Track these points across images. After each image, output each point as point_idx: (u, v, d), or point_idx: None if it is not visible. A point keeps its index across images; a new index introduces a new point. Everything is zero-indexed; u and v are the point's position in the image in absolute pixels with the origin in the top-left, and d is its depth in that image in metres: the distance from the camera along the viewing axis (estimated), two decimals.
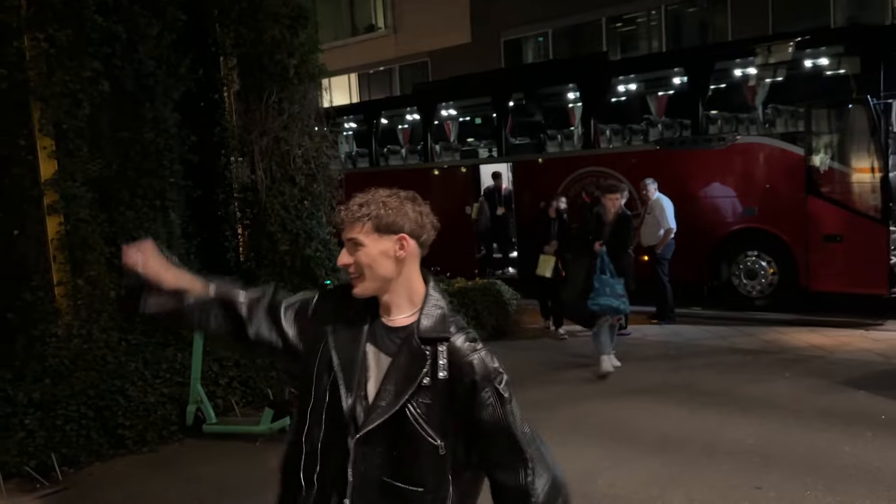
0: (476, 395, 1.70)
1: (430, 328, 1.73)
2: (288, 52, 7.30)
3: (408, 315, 1.78)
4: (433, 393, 1.69)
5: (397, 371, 1.71)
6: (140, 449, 5.27)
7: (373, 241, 1.73)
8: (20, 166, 5.56)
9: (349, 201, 1.78)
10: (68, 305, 5.68)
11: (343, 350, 1.75)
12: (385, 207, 1.73)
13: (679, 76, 9.93)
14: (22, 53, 5.49)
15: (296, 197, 7.55)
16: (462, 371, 1.70)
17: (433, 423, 1.69)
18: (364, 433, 1.68)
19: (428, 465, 1.70)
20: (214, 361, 5.84)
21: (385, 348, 1.75)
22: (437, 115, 12.23)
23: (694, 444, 4.91)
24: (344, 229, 1.77)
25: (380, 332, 1.77)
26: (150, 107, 6.09)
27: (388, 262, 1.74)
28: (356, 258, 1.74)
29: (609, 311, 6.59)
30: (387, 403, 1.69)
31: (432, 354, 1.71)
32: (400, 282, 1.77)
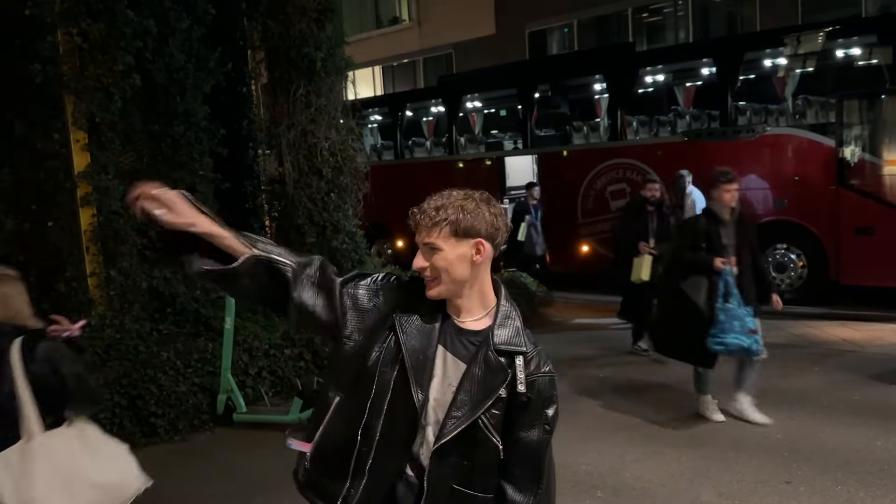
0: (527, 414, 1.73)
1: (507, 340, 1.73)
2: (315, 45, 7.32)
3: (479, 318, 1.77)
4: (505, 403, 1.71)
5: (473, 382, 1.70)
6: (172, 438, 5.36)
7: (450, 246, 1.70)
8: (54, 159, 5.66)
9: (424, 204, 1.74)
10: (101, 296, 5.78)
11: (414, 345, 1.72)
12: (463, 211, 1.70)
13: (707, 67, 9.83)
14: (56, 48, 5.57)
15: (322, 189, 7.59)
16: (527, 385, 1.72)
17: (499, 429, 1.72)
18: (439, 445, 1.68)
19: (494, 470, 1.74)
20: (244, 352, 5.92)
21: (455, 351, 1.74)
22: (462, 108, 12.22)
23: (722, 438, 4.88)
24: (419, 233, 1.73)
25: (451, 332, 1.75)
26: (180, 100, 6.15)
27: (465, 266, 1.71)
28: (432, 262, 1.71)
29: (739, 352, 4.99)
30: (462, 414, 1.68)
31: (510, 367, 1.71)
32: (474, 285, 1.75)
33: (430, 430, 1.71)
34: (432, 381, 1.71)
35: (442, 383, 1.71)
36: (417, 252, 1.74)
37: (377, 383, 1.72)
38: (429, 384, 1.71)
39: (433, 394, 1.71)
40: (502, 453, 1.72)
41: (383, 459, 1.71)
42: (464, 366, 1.72)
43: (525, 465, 1.74)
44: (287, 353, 6.16)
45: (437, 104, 12.80)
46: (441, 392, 1.71)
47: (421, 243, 1.73)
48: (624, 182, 9.77)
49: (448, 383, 1.71)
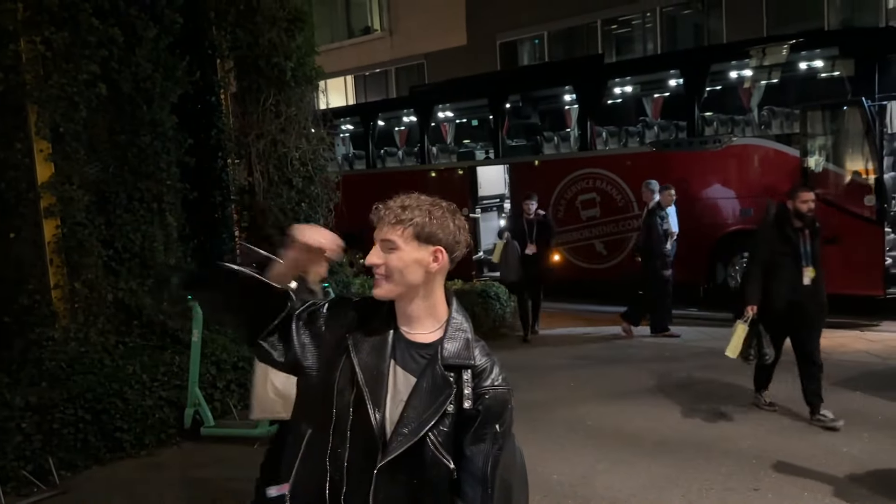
0: (475, 430, 1.69)
1: (455, 354, 1.70)
2: (285, 54, 7.28)
3: (430, 331, 1.74)
4: (453, 419, 1.68)
5: (420, 398, 1.67)
6: (138, 452, 5.26)
7: (410, 248, 1.67)
8: (16, 169, 5.53)
9: (390, 201, 1.71)
10: (65, 309, 5.66)
11: (367, 364, 1.69)
12: (430, 216, 1.68)
13: (675, 78, 9.97)
14: (18, 56, 5.46)
15: (293, 199, 7.53)
16: (474, 399, 1.69)
17: (449, 449, 1.68)
18: (384, 463, 1.64)
19: (444, 489, 1.69)
20: (212, 364, 5.84)
21: (407, 366, 1.70)
22: (434, 117, 12.25)
23: (691, 446, 4.92)
24: (380, 229, 1.70)
25: (402, 346, 1.72)
26: (147, 110, 6.06)
27: (419, 271, 1.69)
28: (387, 260, 1.68)
29: None
30: (409, 431, 1.64)
31: (457, 382, 1.68)
32: (424, 294, 1.72)
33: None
34: (388, 400, 1.68)
35: (394, 399, 1.68)
36: (373, 248, 1.71)
37: (337, 407, 1.68)
38: (385, 402, 1.67)
39: (388, 412, 1.67)
40: (454, 472, 1.68)
41: (356, 487, 1.67)
42: (414, 380, 1.69)
43: (474, 482, 1.69)
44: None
45: (409, 114, 12.82)
46: (393, 408, 1.68)
47: (379, 239, 1.69)
48: (594, 192, 9.86)
49: (399, 399, 1.68)
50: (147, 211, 6.11)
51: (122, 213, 5.99)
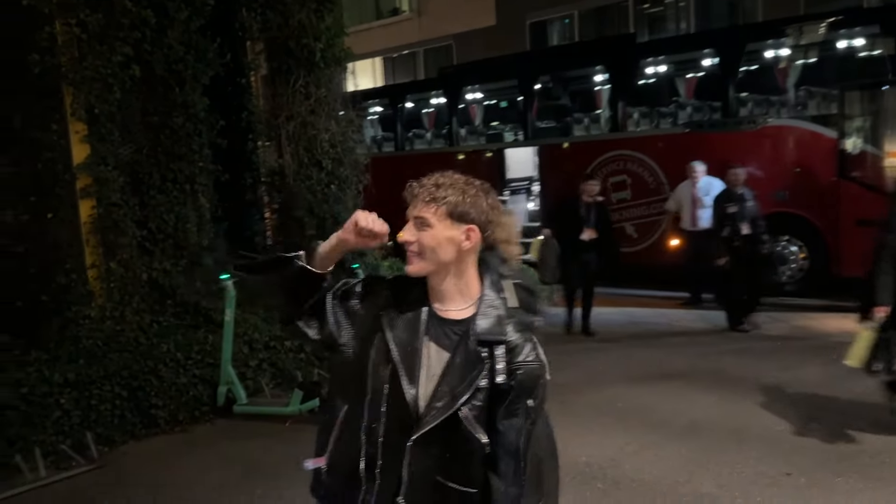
0: (508, 404, 1.70)
1: (487, 330, 1.71)
2: (314, 35, 7.28)
3: (462, 308, 1.75)
4: (486, 394, 1.69)
5: (453, 372, 1.69)
6: (172, 429, 5.37)
7: (443, 226, 1.70)
8: (53, 150, 5.64)
9: (424, 179, 1.73)
10: (101, 288, 5.77)
11: (401, 341, 1.72)
12: (464, 195, 1.70)
13: (709, 58, 9.78)
14: (54, 38, 5.54)
15: (322, 181, 7.57)
16: (509, 375, 1.70)
17: (482, 423, 1.69)
18: (418, 436, 1.67)
19: (478, 465, 1.71)
20: (245, 344, 5.92)
21: (440, 342, 1.73)
22: (463, 99, 12.18)
23: (722, 430, 4.88)
24: (414, 206, 1.72)
25: (435, 323, 1.74)
26: (179, 91, 6.12)
27: (452, 249, 1.71)
28: (420, 237, 1.71)
29: None
30: (442, 405, 1.67)
31: (490, 357, 1.69)
32: (456, 271, 1.74)
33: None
34: (422, 376, 1.70)
35: (428, 375, 1.71)
36: (406, 225, 1.73)
37: (372, 384, 1.72)
38: (419, 378, 1.70)
39: (421, 387, 1.70)
40: (488, 447, 1.69)
41: (392, 460, 1.70)
42: (447, 356, 1.71)
43: (507, 456, 1.71)
44: (287, 346, 6.15)
45: (437, 95, 12.76)
46: (427, 384, 1.70)
47: (412, 216, 1.72)
48: (625, 174, 9.75)
49: (433, 374, 1.70)
50: (180, 192, 6.18)
51: (156, 194, 6.08)
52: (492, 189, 1.78)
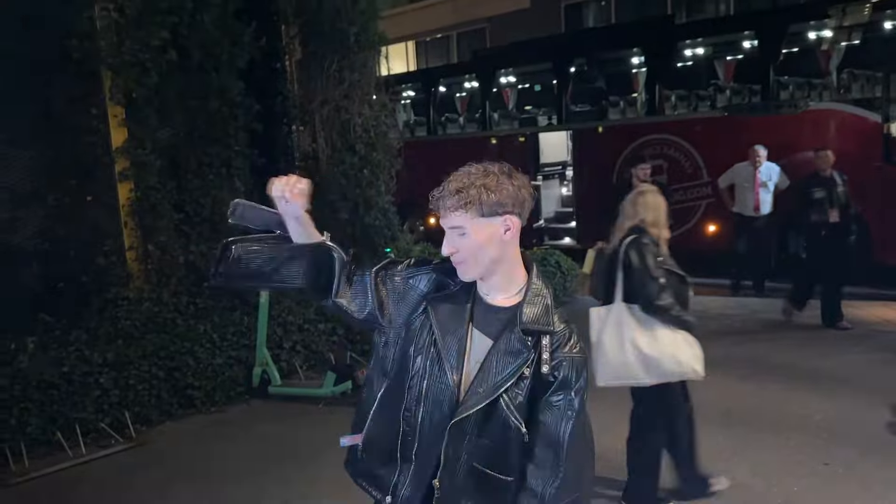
0: (551, 396, 1.68)
1: (534, 319, 1.68)
2: (349, 20, 7.28)
3: (510, 296, 1.73)
4: (528, 383, 1.67)
5: (497, 360, 1.67)
6: (208, 409, 5.46)
7: (478, 227, 1.64)
8: (92, 134, 5.73)
9: (444, 186, 1.66)
10: (139, 270, 5.87)
11: (445, 326, 1.70)
12: (486, 190, 1.63)
13: (749, 40, 9.56)
14: (93, 23, 5.62)
15: (356, 166, 7.59)
16: (552, 366, 1.68)
17: (522, 412, 1.68)
18: (458, 419, 1.66)
19: (515, 453, 1.70)
20: (279, 326, 5.99)
21: (485, 328, 1.71)
22: (496, 83, 12.10)
23: (759, 419, 4.81)
24: (444, 216, 1.66)
25: (480, 309, 1.72)
26: (215, 75, 6.16)
27: (495, 245, 1.66)
28: (461, 246, 1.66)
29: None
30: (484, 391, 1.66)
31: (535, 346, 1.67)
32: (503, 263, 1.71)
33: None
34: (464, 360, 1.69)
35: (470, 361, 1.70)
36: (445, 237, 1.68)
37: (413, 367, 1.72)
38: (462, 364, 1.69)
39: (463, 373, 1.69)
40: (526, 436, 1.68)
41: (429, 443, 1.70)
42: (490, 342, 1.70)
43: (547, 448, 1.69)
44: (321, 328, 6.21)
45: (470, 79, 12.69)
46: (469, 369, 1.69)
47: (447, 227, 1.66)
48: (661, 158, 9.60)
49: (476, 360, 1.69)
50: (216, 176, 6.24)
51: (193, 177, 6.14)
52: (512, 169, 1.72)
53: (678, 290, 3.60)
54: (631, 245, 3.56)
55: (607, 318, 3.66)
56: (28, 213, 5.95)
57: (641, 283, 3.52)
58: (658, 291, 3.50)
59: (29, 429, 4.76)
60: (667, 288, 3.51)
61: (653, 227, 3.62)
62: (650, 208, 3.65)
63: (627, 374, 3.57)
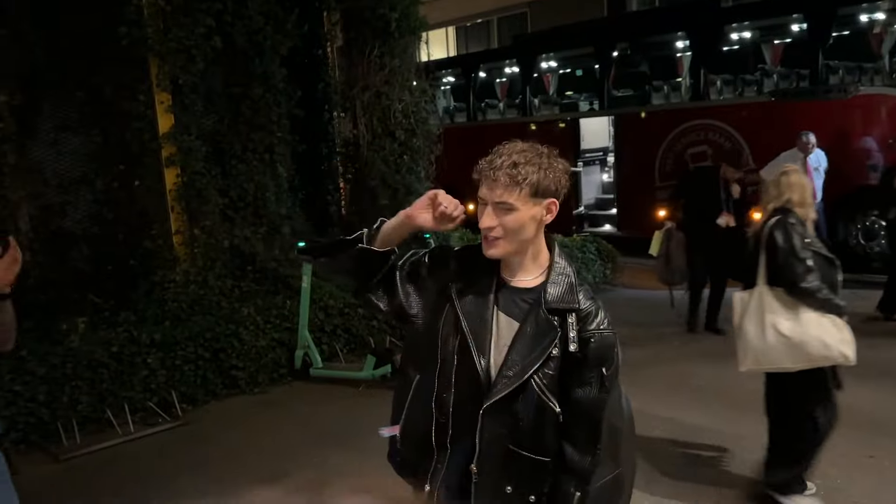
0: (581, 373, 1.69)
1: (559, 298, 1.69)
2: (390, 5, 7.29)
3: (533, 277, 1.74)
4: (558, 362, 1.68)
5: (524, 341, 1.68)
6: (252, 390, 5.57)
7: (527, 207, 1.65)
8: (140, 120, 5.86)
9: (494, 158, 1.66)
10: (186, 253, 6.00)
11: (471, 311, 1.71)
12: (541, 170, 1.64)
13: (797, 23, 9.31)
14: (140, 11, 5.73)
15: (396, 152, 7.62)
16: (580, 343, 1.68)
17: (555, 392, 1.68)
18: (489, 403, 1.67)
19: (551, 433, 1.70)
20: (320, 310, 6.07)
21: (510, 311, 1.72)
22: (537, 68, 12.00)
23: None
24: (491, 189, 1.65)
25: (505, 293, 1.73)
26: (258, 62, 6.24)
27: (534, 226, 1.68)
28: (503, 221, 1.65)
29: None
30: (514, 374, 1.66)
31: (561, 325, 1.68)
32: (533, 244, 1.72)
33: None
34: (493, 346, 1.70)
35: (498, 345, 1.70)
36: (486, 210, 1.66)
37: (441, 354, 1.73)
38: (489, 348, 1.70)
39: (492, 357, 1.70)
40: (561, 416, 1.69)
41: (463, 429, 1.71)
42: (517, 325, 1.70)
43: (581, 424, 1.70)
44: (360, 312, 6.27)
45: (510, 65, 12.61)
46: (497, 354, 1.70)
47: (493, 201, 1.65)
48: (705, 144, 9.44)
49: (503, 344, 1.70)
50: (259, 162, 6.34)
51: (237, 163, 6.24)
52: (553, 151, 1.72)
53: (826, 272, 3.42)
54: (776, 226, 3.42)
55: (749, 302, 3.54)
56: (78, 197, 6.12)
57: (786, 264, 3.37)
58: (804, 273, 3.34)
59: (80, 406, 4.91)
60: (814, 270, 3.36)
61: (799, 206, 3.48)
62: (795, 188, 3.50)
63: (769, 360, 3.46)
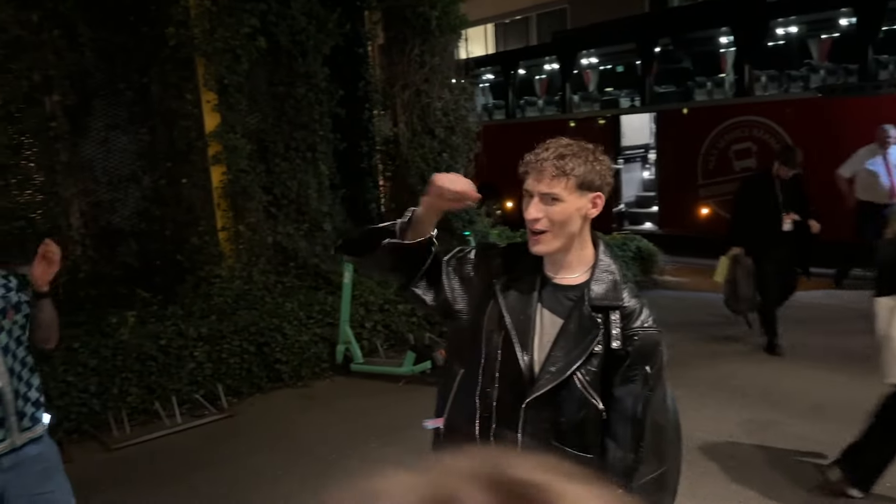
0: (624, 370, 1.68)
1: (602, 295, 1.70)
2: (430, 3, 7.32)
3: (577, 274, 1.75)
4: (601, 360, 1.68)
5: (567, 338, 1.69)
6: (295, 383, 5.67)
7: (573, 199, 1.65)
8: (187, 119, 5.99)
9: (541, 151, 1.68)
10: (231, 249, 6.12)
11: (514, 308, 1.72)
12: (587, 163, 1.66)
13: (846, 17, 9.08)
14: (188, 12, 5.85)
15: (435, 149, 7.65)
16: (623, 340, 1.68)
17: (598, 389, 1.69)
18: (532, 398, 1.68)
19: (594, 430, 1.71)
20: (361, 306, 6.14)
21: (554, 308, 1.73)
22: (577, 64, 11.92)
23: (851, 412, 4.60)
24: (538, 181, 1.66)
25: (549, 290, 1.74)
26: (301, 62, 6.32)
27: (579, 219, 1.69)
28: (549, 213, 1.66)
29: None
30: (556, 370, 1.67)
31: (604, 323, 1.68)
32: (578, 239, 1.72)
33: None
34: (536, 342, 1.71)
35: (541, 341, 1.71)
36: (532, 201, 1.67)
37: (485, 349, 1.74)
38: (533, 344, 1.71)
39: (535, 353, 1.71)
40: (604, 413, 1.69)
41: (506, 424, 1.73)
42: (560, 321, 1.71)
43: (625, 423, 1.69)
44: (400, 309, 6.33)
45: (550, 61, 12.55)
46: (541, 350, 1.71)
47: (539, 193, 1.66)
48: (750, 141, 9.28)
49: (547, 340, 1.71)
50: (302, 160, 6.43)
51: (280, 161, 6.34)
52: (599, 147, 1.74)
53: None
54: None
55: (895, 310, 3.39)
56: (127, 194, 6.28)
57: None
58: None
59: (129, 398, 5.06)
60: None
61: None
62: None
63: None
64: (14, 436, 2.49)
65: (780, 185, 5.81)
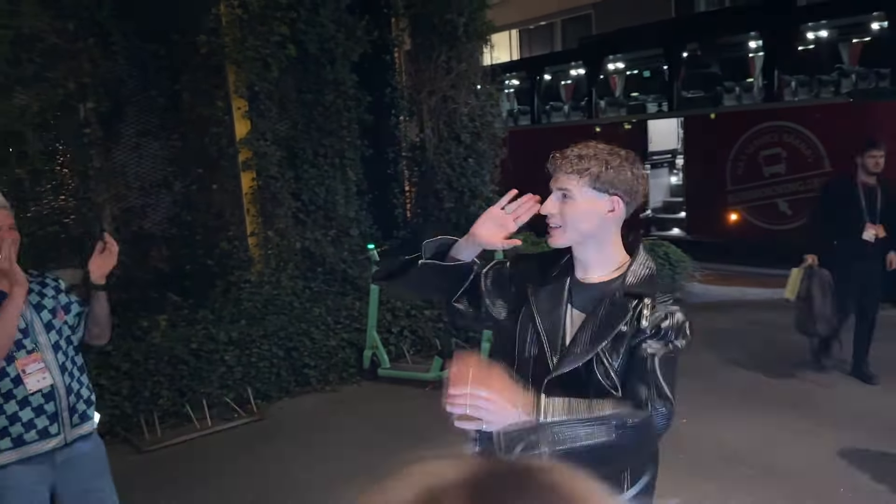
0: (652, 339, 1.66)
1: (638, 283, 1.71)
2: (457, 10, 7.35)
3: (607, 272, 1.76)
4: (627, 342, 1.67)
5: (594, 321, 1.69)
6: (323, 388, 5.71)
7: (585, 197, 1.69)
8: (218, 126, 6.07)
9: (567, 151, 1.73)
10: (260, 255, 6.18)
11: (545, 310, 1.75)
12: (607, 165, 1.68)
13: (877, 21, 8.96)
14: (219, 20, 5.93)
15: (461, 155, 7.67)
16: (652, 322, 1.68)
17: (620, 371, 1.68)
18: (554, 377, 1.68)
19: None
20: (388, 311, 6.16)
21: (584, 307, 1.74)
22: (603, 70, 11.89)
23: (886, 422, 4.56)
24: (556, 177, 1.72)
25: (578, 290, 1.76)
26: (330, 69, 6.38)
27: (593, 219, 1.70)
28: (562, 208, 1.71)
29: None
30: (581, 351, 1.68)
31: (635, 307, 1.68)
32: (598, 241, 1.74)
33: None
34: (564, 340, 1.73)
35: (568, 338, 1.73)
36: (550, 197, 1.73)
37: (518, 353, 1.77)
38: (562, 344, 1.73)
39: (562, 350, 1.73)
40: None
41: None
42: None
43: (640, 381, 1.63)
44: (427, 315, 6.34)
45: (576, 67, 12.53)
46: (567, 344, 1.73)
47: (555, 188, 1.72)
48: (779, 146, 9.18)
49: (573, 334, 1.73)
50: (330, 166, 6.48)
51: (309, 167, 6.40)
52: (637, 159, 1.76)
53: None
54: None
55: None
56: (158, 200, 6.37)
57: None
58: None
59: (161, 401, 5.12)
60: None
61: None
62: None
63: None
64: (66, 431, 2.55)
65: (864, 189, 5.25)
